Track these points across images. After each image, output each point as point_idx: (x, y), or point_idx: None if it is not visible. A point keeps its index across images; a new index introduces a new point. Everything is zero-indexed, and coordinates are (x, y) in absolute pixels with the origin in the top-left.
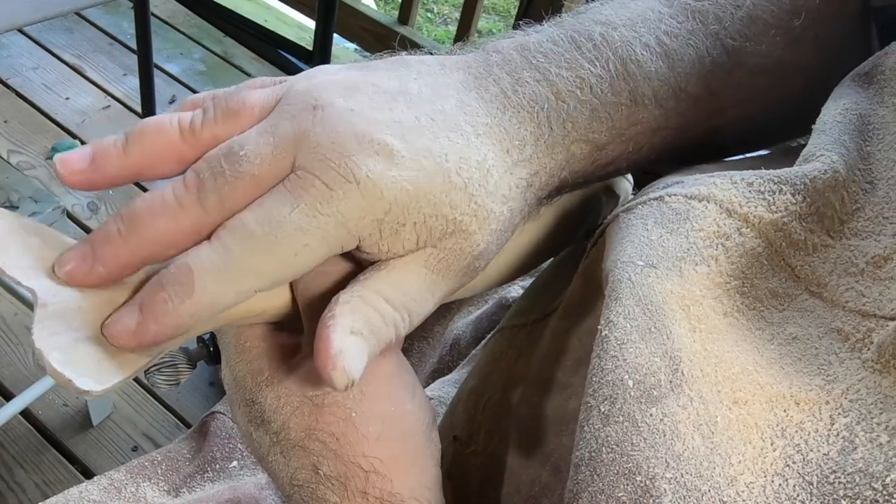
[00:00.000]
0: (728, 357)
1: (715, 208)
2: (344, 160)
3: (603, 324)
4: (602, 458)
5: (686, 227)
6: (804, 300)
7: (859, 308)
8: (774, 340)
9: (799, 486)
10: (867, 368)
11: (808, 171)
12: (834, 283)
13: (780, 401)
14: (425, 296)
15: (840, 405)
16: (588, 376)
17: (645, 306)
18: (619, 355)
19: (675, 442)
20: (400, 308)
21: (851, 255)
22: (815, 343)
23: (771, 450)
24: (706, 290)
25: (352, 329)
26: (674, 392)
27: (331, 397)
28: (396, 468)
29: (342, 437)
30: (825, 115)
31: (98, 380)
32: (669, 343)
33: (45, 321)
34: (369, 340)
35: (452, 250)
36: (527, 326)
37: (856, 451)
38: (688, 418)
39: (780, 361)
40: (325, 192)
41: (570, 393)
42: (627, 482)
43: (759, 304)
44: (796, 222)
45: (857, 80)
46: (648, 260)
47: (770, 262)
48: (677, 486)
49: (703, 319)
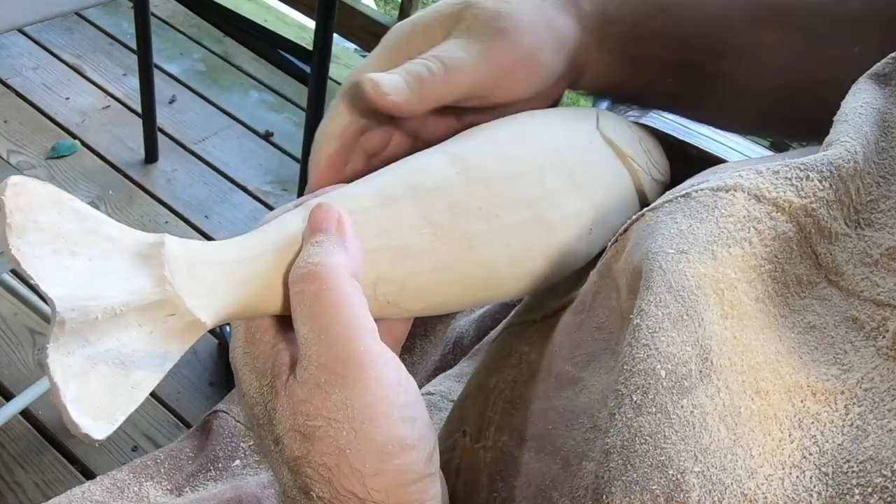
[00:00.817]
0: (754, 345)
1: (743, 195)
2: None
3: (635, 313)
4: (635, 448)
5: (715, 215)
6: (823, 288)
7: (874, 297)
8: (795, 329)
9: (815, 478)
10: (882, 356)
11: (832, 158)
12: (850, 273)
13: (798, 391)
14: (454, 48)
15: (855, 395)
16: (618, 364)
17: (676, 293)
18: (651, 344)
19: (704, 434)
20: (429, 57)
21: (866, 246)
22: (832, 332)
23: (789, 441)
24: (741, 273)
25: (392, 71)
26: (703, 382)
27: (322, 431)
28: (395, 499)
29: (335, 468)
30: (846, 107)
31: (110, 417)
32: (701, 331)
33: (60, 338)
34: (401, 74)
35: (471, 16)
36: (537, 322)
37: (867, 439)
38: (715, 409)
39: (798, 350)
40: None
41: (581, 387)
42: (661, 475)
43: (786, 290)
44: (824, 209)
45: (875, 78)
46: (679, 247)
47: (799, 247)
48: (704, 479)
49: (736, 305)
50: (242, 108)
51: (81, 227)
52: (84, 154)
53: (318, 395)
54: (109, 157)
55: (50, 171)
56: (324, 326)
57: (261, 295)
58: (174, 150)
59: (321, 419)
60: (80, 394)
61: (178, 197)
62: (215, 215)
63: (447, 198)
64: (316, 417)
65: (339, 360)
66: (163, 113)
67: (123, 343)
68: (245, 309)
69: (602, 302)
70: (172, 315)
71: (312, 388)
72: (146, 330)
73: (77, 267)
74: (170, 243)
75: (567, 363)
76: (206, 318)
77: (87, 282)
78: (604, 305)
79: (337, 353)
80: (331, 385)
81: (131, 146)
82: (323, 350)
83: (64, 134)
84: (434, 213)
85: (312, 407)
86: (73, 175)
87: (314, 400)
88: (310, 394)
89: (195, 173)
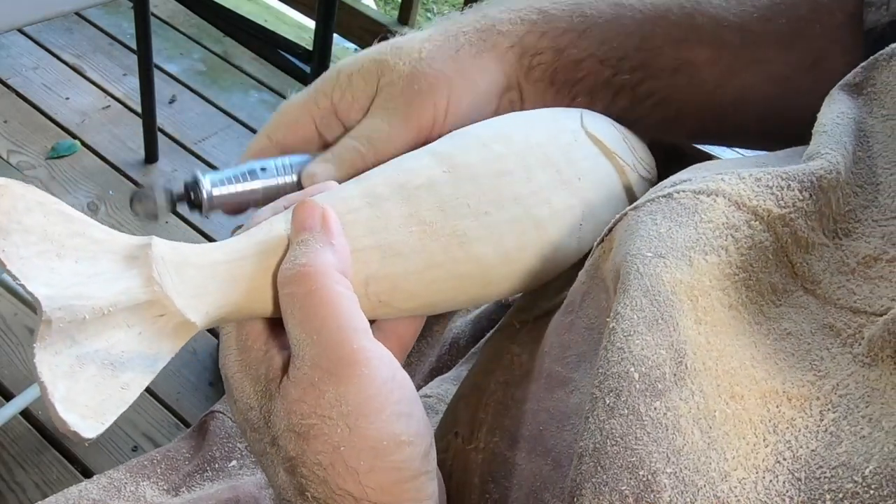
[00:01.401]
0: (728, 351)
1: (724, 202)
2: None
3: (611, 316)
4: (607, 450)
5: (695, 220)
6: (799, 296)
7: (850, 305)
8: (770, 335)
9: (788, 483)
10: (857, 363)
11: (814, 169)
12: (827, 281)
13: (773, 396)
14: (377, 124)
15: (830, 401)
16: (595, 368)
17: (653, 297)
18: (626, 347)
19: (677, 436)
20: (357, 137)
21: (843, 255)
22: (808, 339)
23: (763, 446)
24: (715, 281)
25: (323, 159)
26: (677, 385)
27: (316, 429)
28: (390, 497)
29: (330, 467)
30: (823, 119)
31: (100, 417)
32: (675, 335)
33: (46, 338)
34: (333, 161)
35: (388, 83)
36: (528, 323)
37: (840, 445)
38: (689, 412)
39: (774, 357)
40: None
41: (571, 388)
42: (631, 476)
43: (760, 297)
44: (802, 219)
45: (847, 89)
46: (657, 251)
47: (775, 256)
48: (676, 480)
49: (709, 311)
50: (242, 108)
51: (68, 229)
52: (84, 154)
53: (312, 393)
54: (109, 157)
55: (50, 170)
56: (315, 328)
57: (250, 296)
58: (174, 150)
59: (315, 417)
60: (68, 393)
61: None
62: (216, 215)
63: (436, 196)
64: (310, 416)
65: (331, 360)
66: (163, 113)
67: (112, 344)
68: (235, 310)
69: (591, 302)
70: (162, 315)
71: (306, 387)
72: (135, 331)
73: (64, 268)
74: (157, 244)
75: (558, 364)
76: (197, 318)
77: (74, 283)
78: (593, 306)
79: (329, 352)
80: (324, 383)
81: (131, 146)
82: (316, 350)
83: (64, 134)
84: (423, 210)
85: (306, 405)
86: (73, 175)
87: (308, 398)
88: (303, 392)
89: None
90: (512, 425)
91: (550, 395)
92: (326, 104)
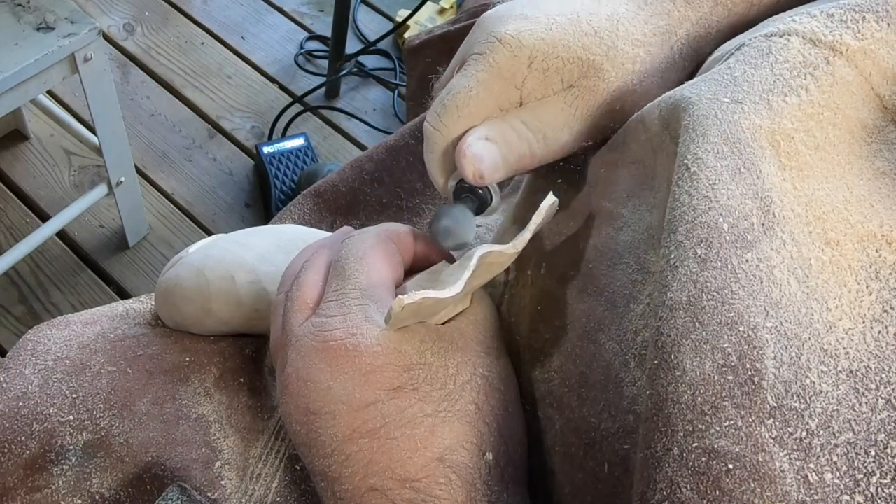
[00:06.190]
0: (818, 195)
1: (798, 40)
2: (487, 33)
3: (690, 159)
4: (703, 304)
5: (769, 61)
6: (891, 132)
7: None
8: (863, 175)
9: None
10: None
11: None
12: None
13: (871, 240)
14: (560, 125)
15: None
16: (672, 211)
17: (733, 144)
18: (712, 195)
19: (773, 288)
20: (535, 129)
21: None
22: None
23: (867, 293)
24: (797, 123)
25: (487, 136)
26: (767, 235)
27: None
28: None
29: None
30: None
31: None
32: (760, 183)
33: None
34: (501, 147)
35: (588, 88)
36: (571, 161)
37: None
38: (782, 262)
39: (869, 198)
40: (477, 56)
41: (621, 224)
42: (731, 332)
43: (849, 136)
44: (883, 49)
45: None
46: (734, 96)
47: (861, 91)
48: (778, 335)
49: (794, 155)
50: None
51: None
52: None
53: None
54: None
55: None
56: None
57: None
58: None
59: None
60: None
61: (214, 18)
62: (251, 36)
63: None
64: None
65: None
66: None
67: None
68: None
69: (632, 136)
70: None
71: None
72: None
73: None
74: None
75: (604, 199)
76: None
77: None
78: (634, 139)
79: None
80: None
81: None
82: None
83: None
84: None
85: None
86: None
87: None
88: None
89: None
90: (560, 262)
91: (599, 232)
92: (516, 99)
